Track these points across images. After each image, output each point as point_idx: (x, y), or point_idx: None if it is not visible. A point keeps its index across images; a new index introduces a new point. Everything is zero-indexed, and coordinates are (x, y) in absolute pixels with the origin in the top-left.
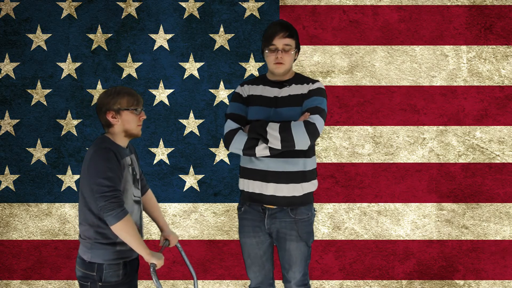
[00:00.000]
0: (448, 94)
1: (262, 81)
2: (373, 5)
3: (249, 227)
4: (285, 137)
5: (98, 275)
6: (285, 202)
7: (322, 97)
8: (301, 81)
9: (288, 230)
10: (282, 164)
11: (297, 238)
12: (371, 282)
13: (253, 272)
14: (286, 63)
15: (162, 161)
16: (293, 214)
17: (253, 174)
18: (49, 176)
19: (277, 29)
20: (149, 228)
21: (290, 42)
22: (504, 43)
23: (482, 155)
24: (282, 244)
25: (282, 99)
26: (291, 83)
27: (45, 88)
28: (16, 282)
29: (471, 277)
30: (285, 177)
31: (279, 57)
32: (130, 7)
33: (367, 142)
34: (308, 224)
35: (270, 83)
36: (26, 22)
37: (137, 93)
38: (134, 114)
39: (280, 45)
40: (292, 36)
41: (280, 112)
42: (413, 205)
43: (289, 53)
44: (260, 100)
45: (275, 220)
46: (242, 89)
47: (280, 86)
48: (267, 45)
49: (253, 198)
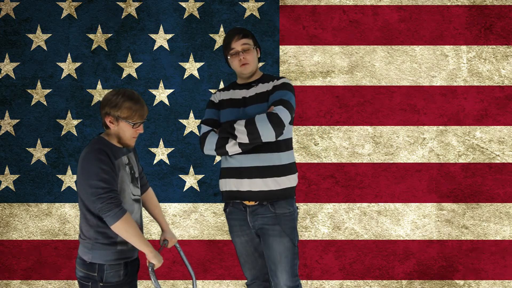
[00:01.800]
0: (448, 94)
1: (232, 86)
2: (373, 5)
3: (236, 226)
4: (251, 130)
5: (99, 275)
6: (262, 196)
7: (287, 90)
8: (267, 80)
9: (270, 225)
10: (254, 160)
11: (281, 233)
12: (371, 282)
13: (248, 269)
14: (250, 62)
15: (162, 161)
16: (273, 209)
17: (229, 173)
18: (49, 176)
19: (231, 34)
20: (149, 228)
21: (246, 41)
22: (504, 43)
23: (482, 155)
24: (266, 240)
25: (250, 99)
26: (258, 83)
27: (45, 88)
28: (16, 282)
29: (471, 277)
30: (258, 171)
31: (241, 58)
32: (130, 7)
33: (367, 142)
34: (291, 219)
35: (238, 86)
36: (26, 22)
37: (143, 103)
38: (131, 127)
39: (239, 46)
40: (247, 36)
41: (247, 110)
42: (413, 205)
43: (249, 52)
44: (229, 102)
45: (257, 217)
46: (214, 96)
47: (248, 87)
48: (227, 52)
49: (232, 196)
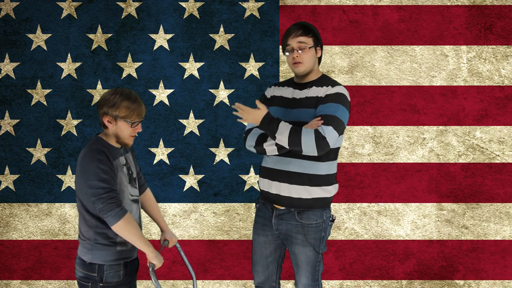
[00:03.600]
0: (448, 94)
1: (288, 83)
2: (373, 5)
3: (259, 224)
4: (294, 139)
5: (99, 275)
6: (288, 203)
7: (340, 103)
8: (323, 83)
9: (294, 233)
10: (286, 164)
11: (304, 243)
12: (371, 282)
13: (256, 271)
14: (304, 61)
15: (162, 161)
16: (299, 218)
17: (264, 172)
18: (49, 176)
19: (291, 29)
20: (149, 228)
21: (304, 39)
22: (504, 43)
23: (482, 155)
24: (289, 246)
25: (299, 100)
26: (312, 85)
27: (45, 88)
28: (16, 282)
29: (471, 277)
30: (287, 176)
31: (295, 57)
32: (130, 7)
33: (367, 142)
34: (318, 230)
35: (293, 85)
36: (26, 22)
37: (140, 102)
38: (130, 126)
39: (295, 43)
40: (307, 34)
41: (293, 112)
42: (413, 205)
43: (305, 51)
44: (279, 100)
45: (282, 222)
46: (269, 90)
47: (302, 88)
48: (284, 47)
49: (264, 196)
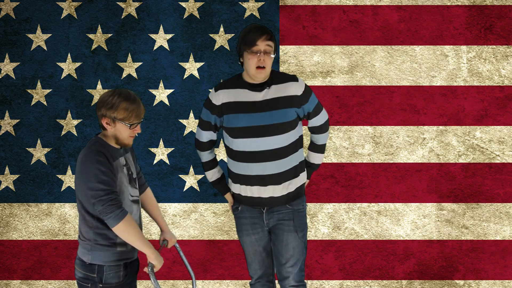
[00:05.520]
0: (448, 94)
1: (238, 85)
2: (373, 5)
3: (247, 225)
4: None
5: (99, 276)
6: (284, 201)
7: (313, 95)
8: (280, 80)
9: (286, 220)
10: (274, 167)
11: (296, 228)
12: (371, 282)
13: (253, 268)
14: (267, 67)
15: (162, 161)
16: (289, 205)
17: (248, 180)
18: (49, 176)
19: (258, 31)
20: (149, 228)
21: (272, 44)
22: (504, 43)
23: (482, 155)
24: (280, 235)
25: (265, 103)
26: (271, 83)
27: (45, 88)
28: (16, 282)
29: (471, 277)
30: (279, 177)
31: (261, 60)
32: (130, 7)
33: (367, 142)
34: (303, 215)
35: (248, 86)
36: (26, 22)
37: (139, 103)
38: (128, 127)
39: (263, 46)
40: (272, 39)
41: (259, 116)
42: (413, 205)
43: (269, 56)
44: (237, 106)
45: (273, 214)
46: (214, 96)
47: (260, 89)
48: (249, 47)
49: (250, 202)
